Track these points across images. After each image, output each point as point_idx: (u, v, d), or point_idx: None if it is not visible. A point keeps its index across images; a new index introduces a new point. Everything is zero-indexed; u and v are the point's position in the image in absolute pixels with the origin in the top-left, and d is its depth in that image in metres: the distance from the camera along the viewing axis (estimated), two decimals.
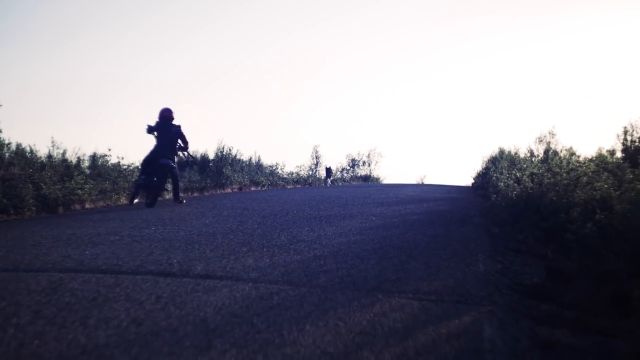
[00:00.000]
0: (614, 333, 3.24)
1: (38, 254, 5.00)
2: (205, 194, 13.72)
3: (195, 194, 13.44)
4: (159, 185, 9.96)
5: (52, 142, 10.98)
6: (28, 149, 10.24)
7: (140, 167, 10.32)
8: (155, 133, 10.12)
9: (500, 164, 14.05)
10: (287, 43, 53.42)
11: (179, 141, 10.26)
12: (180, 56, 48.61)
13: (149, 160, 9.91)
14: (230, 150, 17.20)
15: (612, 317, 3.50)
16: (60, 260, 4.73)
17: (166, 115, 10.21)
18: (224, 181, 15.32)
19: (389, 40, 57.25)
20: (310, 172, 25.74)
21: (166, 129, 10.11)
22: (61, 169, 10.03)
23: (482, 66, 55.76)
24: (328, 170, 27.21)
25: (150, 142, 10.21)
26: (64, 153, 11.01)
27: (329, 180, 26.60)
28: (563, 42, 52.69)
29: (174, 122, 10.28)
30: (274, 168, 20.50)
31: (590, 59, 53.03)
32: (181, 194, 10.98)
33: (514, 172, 10.71)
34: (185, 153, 10.54)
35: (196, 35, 49.83)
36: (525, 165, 12.03)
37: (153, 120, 10.33)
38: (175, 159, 10.28)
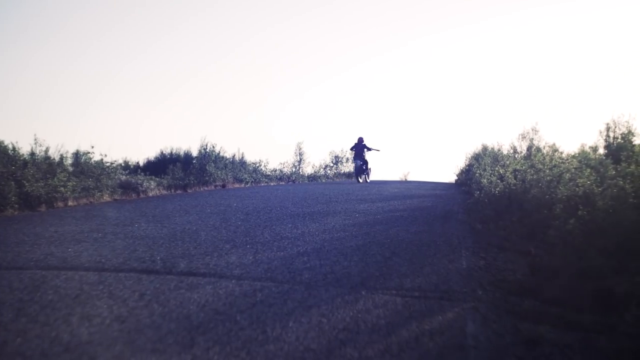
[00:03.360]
0: (596, 329, 3.28)
1: (21, 252, 4.94)
2: (189, 191, 13.65)
3: (179, 192, 13.36)
4: (359, 173, 19.66)
5: (35, 139, 10.82)
6: (10, 146, 10.06)
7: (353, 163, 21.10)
8: (353, 149, 19.87)
9: (484, 160, 14.08)
10: (262, 37, 52.69)
11: (365, 149, 19.62)
12: (162, 52, 48.06)
13: (354, 158, 19.93)
14: (213, 147, 17.06)
15: (595, 313, 3.54)
16: (43, 258, 4.68)
17: (360, 139, 19.58)
18: (207, 178, 15.23)
19: (367, 31, 56.85)
20: (294, 169, 25.60)
21: (358, 146, 19.57)
22: (44, 166, 9.90)
23: (466, 62, 55.90)
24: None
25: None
26: (46, 150, 10.85)
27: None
28: (546, 38, 53.14)
29: (364, 142, 19.71)
30: (257, 165, 20.34)
31: (574, 56, 53.53)
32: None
33: (497, 168, 10.76)
34: (372, 151, 19.90)
35: (179, 31, 49.37)
36: (508, 162, 12.09)
37: (352, 142, 19.83)
38: (365, 158, 19.57)
